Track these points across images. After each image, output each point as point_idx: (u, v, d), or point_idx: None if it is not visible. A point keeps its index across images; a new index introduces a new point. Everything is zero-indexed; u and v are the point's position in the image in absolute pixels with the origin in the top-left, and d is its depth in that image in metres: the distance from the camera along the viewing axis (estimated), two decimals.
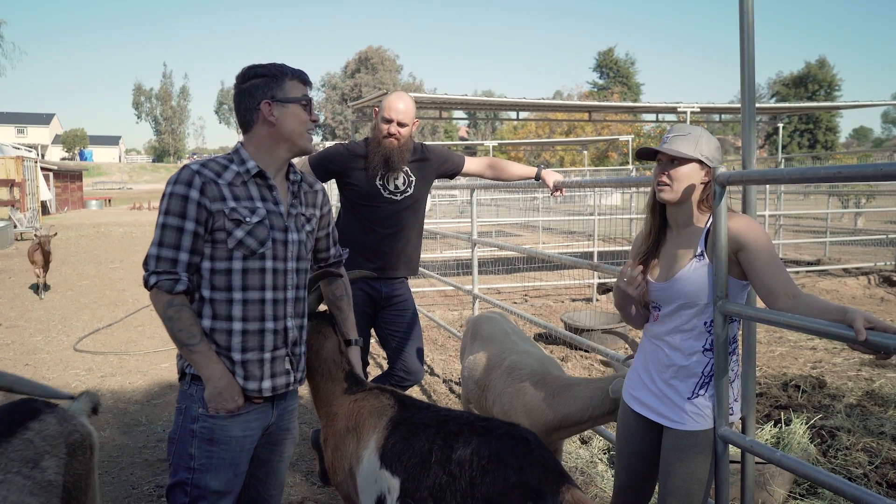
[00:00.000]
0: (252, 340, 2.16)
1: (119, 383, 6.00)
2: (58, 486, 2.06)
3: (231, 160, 2.19)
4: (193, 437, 2.14)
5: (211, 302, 2.13)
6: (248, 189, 2.17)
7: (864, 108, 15.69)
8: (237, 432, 2.17)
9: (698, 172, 2.23)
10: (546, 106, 15.07)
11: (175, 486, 2.16)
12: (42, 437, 2.09)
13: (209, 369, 2.10)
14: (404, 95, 3.66)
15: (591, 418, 2.98)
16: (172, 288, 2.07)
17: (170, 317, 2.07)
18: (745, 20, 2.24)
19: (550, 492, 1.88)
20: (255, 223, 2.13)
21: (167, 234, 2.07)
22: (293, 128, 2.19)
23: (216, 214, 2.09)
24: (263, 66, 2.20)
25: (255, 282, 2.16)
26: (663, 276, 2.34)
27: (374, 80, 69.94)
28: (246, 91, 2.18)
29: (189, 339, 2.08)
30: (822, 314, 1.89)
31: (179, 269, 2.08)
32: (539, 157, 39.08)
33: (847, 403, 5.02)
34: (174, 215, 2.06)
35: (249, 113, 2.18)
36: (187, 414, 2.16)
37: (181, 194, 2.06)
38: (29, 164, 25.61)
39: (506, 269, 11.88)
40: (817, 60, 55.40)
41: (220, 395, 2.10)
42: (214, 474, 2.14)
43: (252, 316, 2.16)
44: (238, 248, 2.12)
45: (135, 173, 79.68)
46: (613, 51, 63.93)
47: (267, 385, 2.21)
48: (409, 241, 3.77)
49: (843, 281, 10.49)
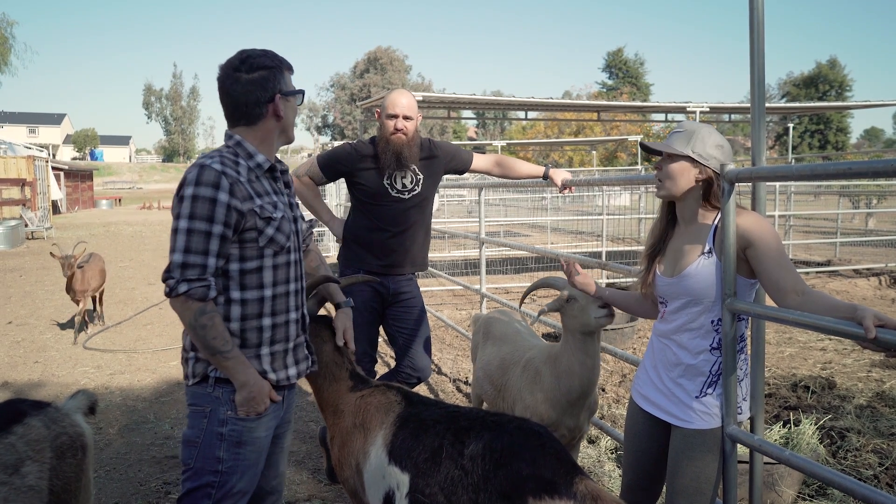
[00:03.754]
0: (280, 332, 2.19)
1: (127, 381, 6.03)
2: (41, 491, 2.05)
3: (236, 154, 2.13)
4: (222, 440, 2.12)
5: (242, 302, 2.10)
6: (263, 184, 2.17)
7: (876, 108, 15.59)
8: (262, 433, 2.20)
9: (690, 170, 2.22)
10: (555, 106, 15.04)
11: (197, 489, 2.13)
12: (25, 441, 2.08)
13: (244, 375, 2.08)
14: (404, 91, 3.70)
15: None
16: (206, 295, 2.00)
17: (203, 325, 2.00)
18: (756, 16, 2.24)
19: (564, 483, 1.89)
20: (280, 218, 2.14)
21: (195, 240, 1.98)
22: (291, 120, 2.23)
23: (248, 214, 2.05)
24: (266, 56, 2.14)
25: (282, 276, 2.18)
26: (669, 270, 2.33)
27: (383, 80, 69.98)
28: (256, 83, 2.10)
29: (223, 345, 2.03)
30: (832, 312, 1.87)
31: (209, 274, 2.01)
32: (548, 157, 39.04)
33: (857, 404, 4.98)
34: (201, 219, 1.97)
35: (259, 106, 2.12)
36: (213, 417, 2.12)
37: (209, 197, 1.98)
38: (40, 164, 25.83)
39: (514, 269, 11.87)
40: (828, 60, 55.01)
41: (253, 399, 2.11)
42: (241, 476, 2.16)
43: (280, 309, 2.18)
44: (269, 245, 2.11)
45: (145, 173, 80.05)
46: (623, 51, 63.71)
47: (293, 372, 2.25)
48: (417, 238, 3.78)
49: (853, 282, 10.42)
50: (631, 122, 27.93)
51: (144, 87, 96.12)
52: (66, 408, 2.37)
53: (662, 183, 2.27)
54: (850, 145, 56.81)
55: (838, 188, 14.77)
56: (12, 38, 32.39)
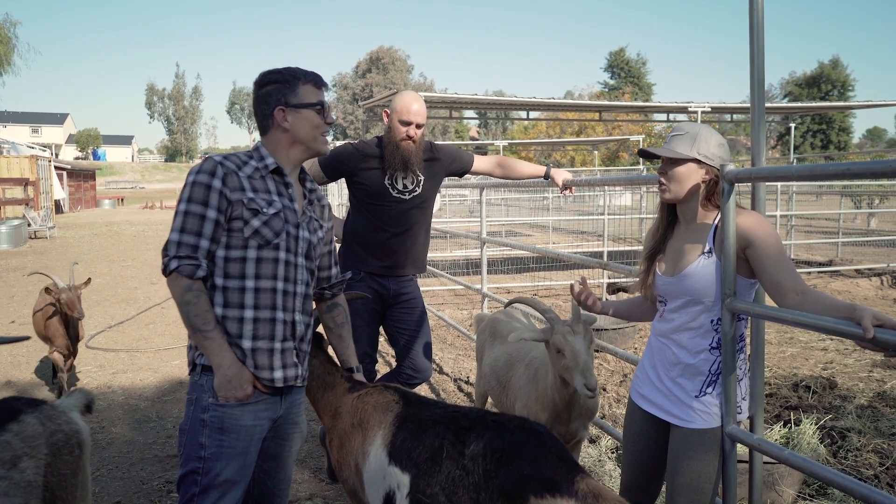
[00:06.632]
0: (263, 329, 2.21)
1: (130, 380, 6.05)
2: (38, 487, 2.07)
3: (251, 156, 2.28)
4: (204, 426, 2.17)
5: (224, 290, 2.18)
6: (266, 183, 2.25)
7: (878, 108, 15.58)
8: (247, 421, 2.20)
9: (697, 171, 2.23)
10: (557, 105, 15.06)
11: (186, 475, 2.18)
12: (21, 438, 2.10)
13: (220, 357, 2.13)
14: (416, 95, 3.66)
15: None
16: (193, 273, 2.11)
17: (187, 301, 2.11)
18: (755, 17, 2.25)
19: (565, 481, 1.89)
20: (271, 214, 2.20)
21: (190, 221, 2.12)
22: (307, 132, 2.28)
23: (235, 204, 2.16)
24: (278, 72, 2.27)
25: (267, 271, 2.21)
26: (670, 269, 2.34)
27: (385, 79, 70.00)
28: (262, 97, 2.27)
29: (204, 324, 2.12)
30: (831, 311, 1.88)
31: (200, 255, 2.13)
32: (550, 157, 39.04)
33: (858, 404, 4.98)
34: (197, 203, 2.12)
35: (266, 118, 2.28)
36: (197, 404, 2.19)
37: (204, 183, 2.13)
38: (43, 164, 25.90)
39: (516, 269, 11.87)
40: (830, 60, 54.83)
41: (229, 382, 2.13)
42: (225, 463, 2.17)
43: (263, 304, 2.20)
44: (254, 237, 2.18)
45: (147, 173, 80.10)
46: (625, 51, 63.58)
47: (279, 375, 2.25)
48: (418, 239, 3.78)
49: (855, 282, 10.41)
50: (633, 122, 27.93)
51: (147, 86, 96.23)
52: (62, 405, 2.39)
53: (668, 186, 2.26)
54: (853, 145, 56.72)
55: (840, 188, 14.75)
56: (15, 37, 32.41)
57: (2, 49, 30.98)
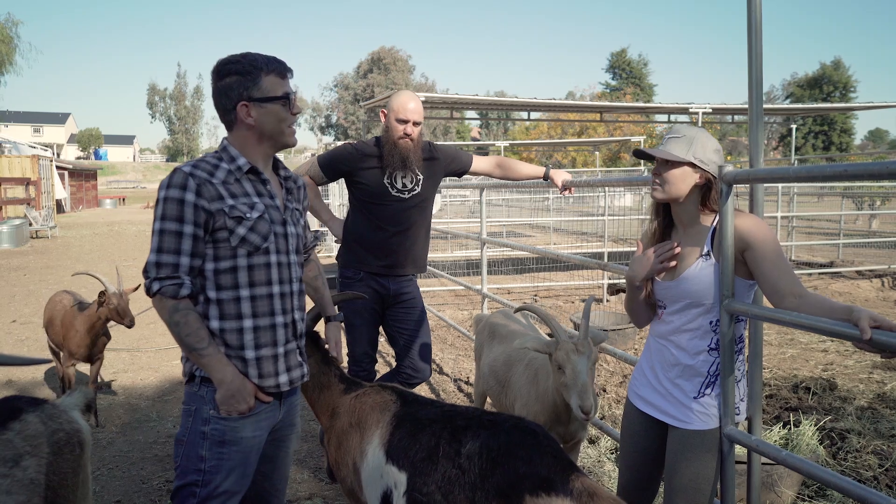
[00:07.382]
0: (265, 336, 2.16)
1: (130, 379, 6.05)
2: (40, 485, 2.07)
3: (220, 158, 2.16)
4: (204, 439, 2.12)
5: (218, 302, 2.11)
6: (243, 185, 2.15)
7: (880, 109, 15.57)
8: (248, 433, 2.17)
9: (691, 175, 2.22)
10: (558, 106, 15.07)
11: (183, 487, 2.15)
12: (23, 436, 2.10)
13: (221, 372, 2.07)
14: (412, 94, 3.70)
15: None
16: (177, 293, 2.03)
17: (176, 322, 2.04)
18: (753, 18, 2.25)
19: (560, 480, 1.90)
20: (255, 218, 2.12)
21: (166, 240, 2.03)
22: (273, 127, 2.16)
23: (216, 214, 2.06)
24: (237, 62, 2.12)
25: (261, 277, 2.15)
26: (669, 274, 2.34)
27: (386, 80, 70.00)
28: (222, 90, 2.12)
29: (197, 342, 2.05)
30: (829, 313, 1.88)
31: (181, 273, 2.04)
32: (551, 157, 39.01)
33: (858, 406, 4.98)
34: (171, 220, 2.03)
35: (228, 113, 2.14)
36: (197, 416, 2.14)
37: (176, 198, 2.02)
38: (44, 163, 25.93)
39: (516, 270, 11.87)
40: (832, 61, 54.71)
41: (232, 397, 2.09)
42: (225, 475, 2.14)
43: (262, 311, 2.15)
44: (242, 245, 2.10)
45: (149, 172, 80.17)
46: (626, 52, 63.54)
47: (284, 379, 2.21)
48: (417, 239, 3.79)
49: (856, 283, 10.40)
50: (634, 122, 27.92)
51: (148, 86, 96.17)
52: (63, 405, 2.39)
53: (662, 187, 2.26)
54: (855, 146, 56.59)
55: (841, 190, 14.74)
56: (17, 37, 32.43)
57: (4, 48, 31.00)
